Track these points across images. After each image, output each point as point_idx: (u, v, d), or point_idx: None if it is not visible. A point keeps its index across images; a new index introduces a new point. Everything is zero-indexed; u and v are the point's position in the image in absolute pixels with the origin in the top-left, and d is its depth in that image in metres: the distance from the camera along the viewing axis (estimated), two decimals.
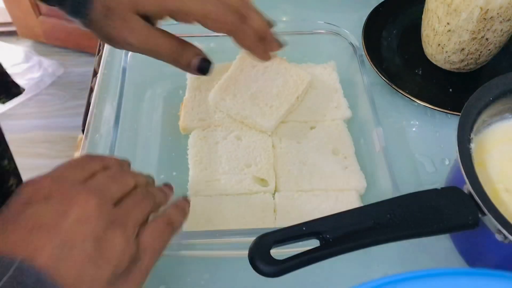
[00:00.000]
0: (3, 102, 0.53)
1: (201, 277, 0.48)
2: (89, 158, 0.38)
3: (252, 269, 0.36)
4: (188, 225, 0.49)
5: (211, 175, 0.52)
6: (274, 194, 0.52)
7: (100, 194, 0.34)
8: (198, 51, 0.47)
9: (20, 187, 0.33)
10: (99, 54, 0.69)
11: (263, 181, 0.52)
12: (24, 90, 0.54)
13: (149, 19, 0.46)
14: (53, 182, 0.34)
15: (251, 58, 0.51)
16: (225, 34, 0.48)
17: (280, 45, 0.51)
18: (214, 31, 0.47)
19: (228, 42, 0.57)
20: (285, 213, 0.50)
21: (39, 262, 0.29)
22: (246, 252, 0.37)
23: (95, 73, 0.68)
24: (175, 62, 0.47)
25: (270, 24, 0.51)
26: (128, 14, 0.44)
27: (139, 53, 0.46)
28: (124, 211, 0.35)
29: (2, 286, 0.27)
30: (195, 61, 0.47)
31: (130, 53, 0.60)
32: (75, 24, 0.46)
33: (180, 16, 0.45)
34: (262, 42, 0.49)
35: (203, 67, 0.48)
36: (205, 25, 0.46)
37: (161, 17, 0.46)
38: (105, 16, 0.44)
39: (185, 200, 0.42)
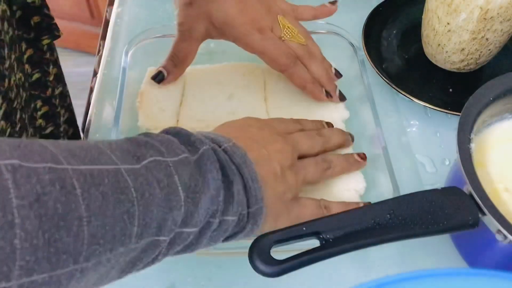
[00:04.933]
0: (46, 43, 0.56)
1: (201, 277, 0.48)
2: (293, 120, 0.51)
3: (252, 269, 0.36)
4: None
5: None
6: None
7: (294, 147, 0.45)
8: None
9: (245, 118, 0.47)
10: (99, 54, 0.69)
11: None
12: (62, 34, 0.58)
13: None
14: (266, 123, 0.47)
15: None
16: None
17: (340, 97, 0.57)
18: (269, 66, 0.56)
19: (228, 42, 0.57)
20: None
21: (249, 154, 0.39)
22: (246, 252, 0.37)
23: (95, 73, 0.68)
24: None
25: (332, 75, 0.58)
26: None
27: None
28: (303, 167, 0.45)
29: (224, 148, 0.38)
30: None
31: (130, 53, 0.60)
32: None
33: (241, 45, 0.55)
34: (316, 83, 0.56)
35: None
36: (261, 58, 0.56)
37: (222, 38, 0.56)
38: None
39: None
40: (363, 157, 0.51)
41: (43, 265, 0.25)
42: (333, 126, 0.54)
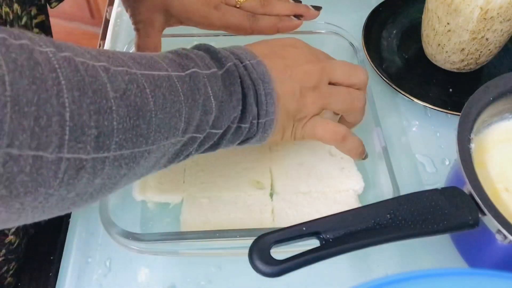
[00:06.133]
0: (54, 6, 0.57)
1: (201, 277, 0.48)
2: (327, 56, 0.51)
3: (252, 269, 0.36)
4: (185, 226, 0.49)
5: (207, 177, 0.52)
6: (272, 196, 0.51)
7: (325, 71, 0.47)
8: None
9: (293, 39, 0.49)
10: None
11: (259, 184, 0.52)
12: None
13: None
14: (310, 51, 0.48)
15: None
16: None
17: (316, 8, 0.59)
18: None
19: (228, 42, 0.57)
20: (283, 215, 0.50)
21: (271, 71, 0.43)
22: (246, 252, 0.37)
23: None
24: None
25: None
26: None
27: None
28: (328, 93, 0.47)
29: (245, 64, 0.42)
30: None
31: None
32: None
33: (204, 27, 0.56)
34: (283, 18, 0.57)
35: None
36: (226, 32, 0.57)
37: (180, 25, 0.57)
38: None
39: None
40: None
41: (129, 143, 0.32)
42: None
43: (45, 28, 0.58)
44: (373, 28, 0.68)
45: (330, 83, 0.47)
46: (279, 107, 0.43)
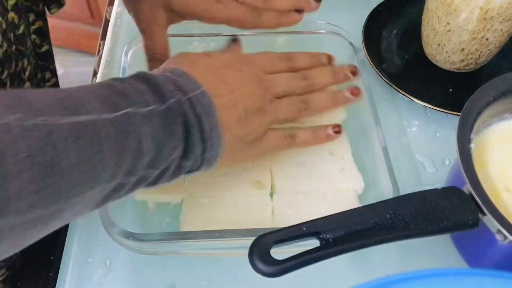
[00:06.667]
0: (53, 13, 0.57)
1: (201, 277, 0.48)
2: (283, 57, 0.51)
3: (252, 269, 0.36)
4: (185, 226, 0.49)
5: (207, 177, 0.52)
6: (272, 196, 0.51)
7: (268, 89, 0.46)
8: None
9: (230, 55, 0.49)
10: (99, 54, 0.69)
11: (259, 184, 0.52)
12: (66, 2, 0.59)
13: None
14: (249, 62, 0.48)
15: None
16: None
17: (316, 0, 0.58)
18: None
19: (226, 41, 0.57)
20: (283, 215, 0.50)
21: (215, 99, 0.41)
22: (246, 252, 0.37)
23: (95, 73, 0.68)
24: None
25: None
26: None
27: None
28: (274, 109, 0.47)
29: (190, 97, 0.39)
30: None
31: (130, 53, 0.60)
32: None
33: (206, 21, 0.55)
34: (284, 13, 0.56)
35: None
36: (229, 25, 0.55)
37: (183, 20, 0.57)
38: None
39: (331, 130, 0.50)
40: (355, 92, 0.52)
41: (42, 203, 0.30)
42: (332, 61, 0.55)
43: (43, 34, 0.58)
44: (373, 28, 0.68)
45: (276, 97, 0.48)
46: (226, 137, 0.42)
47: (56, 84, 0.62)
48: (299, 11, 0.57)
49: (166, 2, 0.54)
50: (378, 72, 0.62)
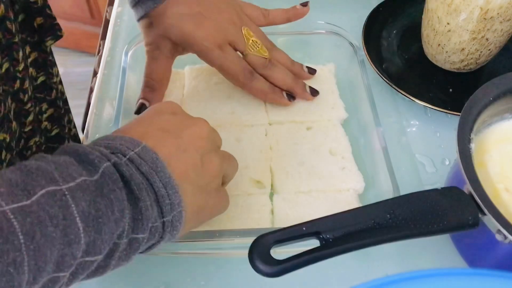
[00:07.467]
0: (50, 44, 0.56)
1: (201, 277, 0.48)
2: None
3: (252, 269, 0.36)
4: None
5: None
6: (271, 196, 0.51)
7: (212, 130, 0.43)
8: None
9: (157, 104, 0.44)
10: (99, 54, 0.69)
11: (259, 183, 0.52)
12: (64, 34, 0.57)
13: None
14: (177, 106, 0.44)
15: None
16: None
17: (312, 92, 0.58)
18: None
19: None
20: (283, 215, 0.50)
21: (159, 152, 0.36)
22: (246, 252, 0.37)
23: (95, 73, 0.68)
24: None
25: (304, 74, 0.59)
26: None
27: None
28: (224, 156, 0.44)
29: (130, 156, 0.35)
30: None
31: (130, 53, 0.60)
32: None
33: (203, 59, 0.55)
34: (276, 91, 0.57)
35: None
36: (220, 73, 0.56)
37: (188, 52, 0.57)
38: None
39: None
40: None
41: None
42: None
43: (45, 66, 0.56)
44: (373, 28, 0.68)
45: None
46: (187, 189, 0.37)
47: (53, 116, 0.61)
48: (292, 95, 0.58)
49: (168, 34, 0.54)
50: (378, 72, 0.62)
